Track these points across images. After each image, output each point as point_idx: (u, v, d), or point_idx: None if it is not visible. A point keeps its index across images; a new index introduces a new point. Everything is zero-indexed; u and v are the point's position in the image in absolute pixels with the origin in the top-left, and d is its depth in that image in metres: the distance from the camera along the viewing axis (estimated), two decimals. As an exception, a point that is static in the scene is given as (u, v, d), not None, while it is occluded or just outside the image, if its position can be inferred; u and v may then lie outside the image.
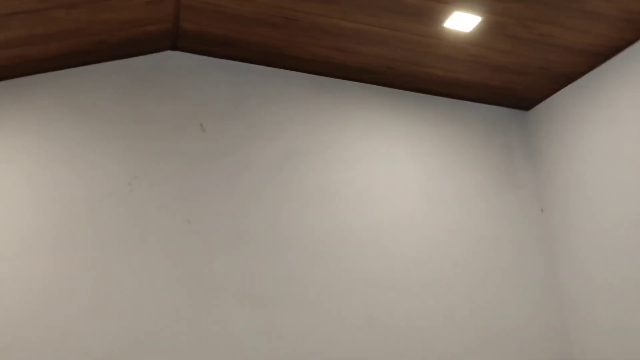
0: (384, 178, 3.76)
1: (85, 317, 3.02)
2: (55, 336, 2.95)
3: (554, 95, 3.88)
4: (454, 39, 3.32)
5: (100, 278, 3.11)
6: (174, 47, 3.69)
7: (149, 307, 3.12)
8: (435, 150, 3.92)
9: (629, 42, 3.23)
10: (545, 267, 3.85)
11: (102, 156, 3.36)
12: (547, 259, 3.87)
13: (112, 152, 3.38)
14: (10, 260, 3.02)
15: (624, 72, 3.29)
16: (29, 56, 3.27)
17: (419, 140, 3.91)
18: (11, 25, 2.98)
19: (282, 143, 3.67)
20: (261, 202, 3.50)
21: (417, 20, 3.18)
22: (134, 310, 3.09)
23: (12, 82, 3.38)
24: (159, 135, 3.49)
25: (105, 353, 2.98)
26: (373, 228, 3.62)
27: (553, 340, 3.72)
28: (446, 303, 3.59)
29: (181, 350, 3.09)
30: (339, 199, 3.64)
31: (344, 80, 3.89)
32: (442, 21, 3.16)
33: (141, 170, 3.40)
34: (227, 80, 3.73)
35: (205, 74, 3.71)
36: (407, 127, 3.91)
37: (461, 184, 3.89)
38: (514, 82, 3.77)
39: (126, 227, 3.25)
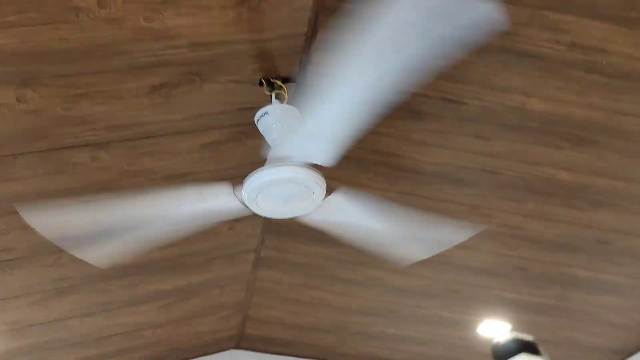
0: None
1: None
2: None
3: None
4: (487, 341, 3.75)
5: None
6: (237, 347, 4.16)
7: None
8: None
9: (645, 343, 3.64)
10: None
11: None
12: None
13: None
14: None
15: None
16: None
17: None
18: (106, 344, 3.50)
19: None
20: None
21: (453, 328, 3.65)
22: None
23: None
24: None
25: None
26: None
27: None
28: None
29: None
30: None
31: (388, 371, 4.25)
32: (475, 329, 3.63)
33: None
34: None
35: (263, 372, 4.13)
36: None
37: None
38: (547, 372, 4.09)
39: None
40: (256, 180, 1.79)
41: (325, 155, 1.78)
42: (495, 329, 3.60)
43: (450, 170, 2.51)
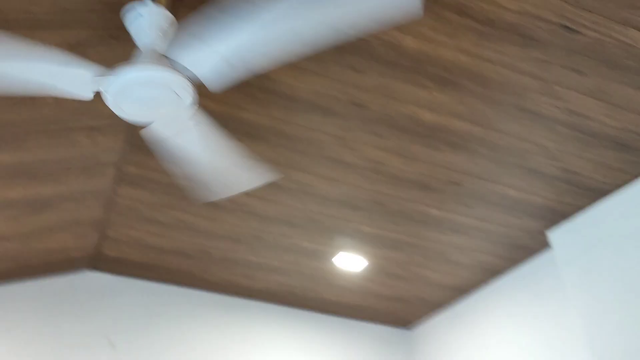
0: (281, 392, 4.08)
1: None
2: None
3: (430, 319, 4.50)
4: (343, 273, 3.92)
5: None
6: (93, 268, 4.02)
7: None
8: (329, 365, 4.32)
9: (482, 282, 3.97)
10: None
11: (10, 375, 3.48)
12: None
13: (21, 371, 3.52)
14: None
15: (484, 304, 3.99)
16: (-48, 277, 3.49)
17: (315, 356, 4.31)
18: (-57, 254, 3.25)
19: (190, 359, 3.95)
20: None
21: (312, 258, 3.76)
22: None
23: None
24: (71, 353, 3.68)
25: None
26: None
27: None
28: None
29: None
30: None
31: (249, 300, 4.33)
32: (331, 259, 3.77)
33: (47, 387, 3.53)
34: (140, 299, 4.05)
35: (120, 293, 4.03)
36: (304, 344, 4.33)
37: (352, 397, 4.26)
38: (396, 306, 4.37)
39: None
40: (120, 76, 1.69)
41: (213, 71, 1.74)
42: (350, 261, 3.76)
43: (322, 99, 2.53)
